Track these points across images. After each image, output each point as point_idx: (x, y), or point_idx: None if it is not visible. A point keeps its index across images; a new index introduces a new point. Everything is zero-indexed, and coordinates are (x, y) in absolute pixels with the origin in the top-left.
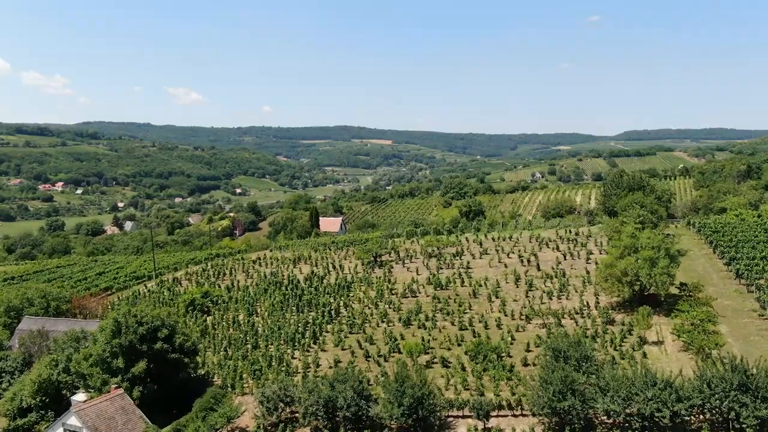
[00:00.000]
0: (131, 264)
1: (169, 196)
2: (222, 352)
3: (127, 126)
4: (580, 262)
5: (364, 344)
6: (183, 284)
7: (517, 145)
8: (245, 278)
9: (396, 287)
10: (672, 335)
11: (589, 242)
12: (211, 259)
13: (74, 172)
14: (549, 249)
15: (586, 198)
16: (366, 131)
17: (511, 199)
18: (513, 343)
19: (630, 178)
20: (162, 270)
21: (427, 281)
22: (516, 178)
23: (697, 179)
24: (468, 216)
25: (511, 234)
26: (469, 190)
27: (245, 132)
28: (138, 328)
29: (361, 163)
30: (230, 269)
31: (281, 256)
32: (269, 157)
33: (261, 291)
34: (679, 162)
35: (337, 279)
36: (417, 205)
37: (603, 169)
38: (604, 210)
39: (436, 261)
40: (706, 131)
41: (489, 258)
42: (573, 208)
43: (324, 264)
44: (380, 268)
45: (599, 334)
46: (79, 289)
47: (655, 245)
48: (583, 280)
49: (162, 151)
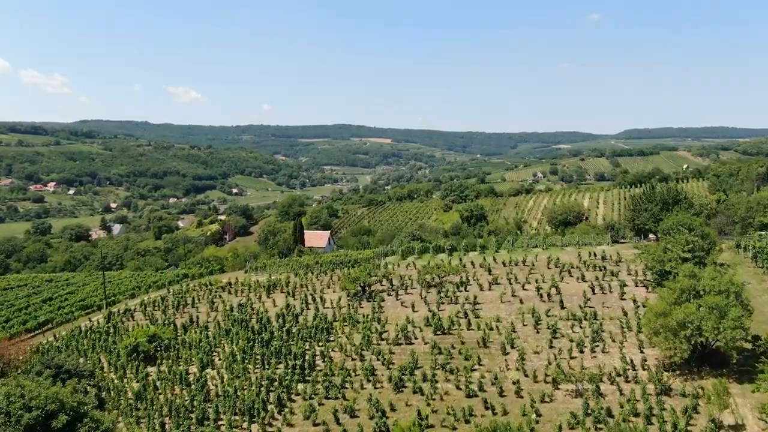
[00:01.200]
0: (84, 288)
1: (164, 196)
2: (157, 430)
3: (125, 124)
4: (612, 297)
5: (343, 417)
6: (136, 317)
7: (518, 143)
8: (208, 311)
9: (387, 329)
10: (756, 414)
11: (620, 269)
12: (177, 282)
13: (67, 172)
14: (572, 278)
15: (594, 202)
16: (365, 129)
17: (514, 203)
18: (539, 421)
19: (664, 191)
20: (117, 297)
21: (425, 321)
22: (517, 177)
23: (712, 182)
24: (469, 221)
25: (524, 257)
26: (471, 193)
27: (244, 131)
28: (23, 415)
29: (360, 162)
30: (194, 298)
31: (255, 280)
32: (267, 156)
33: (223, 332)
34: (683, 161)
35: (316, 316)
36: (416, 209)
37: (606, 169)
38: (632, 227)
39: (437, 292)
40: (707, 129)
41: (500, 290)
42: (581, 213)
43: (302, 294)
44: (369, 301)
45: (654, 411)
46: (14, 323)
47: (723, 289)
48: (620, 325)
49: (157, 150)
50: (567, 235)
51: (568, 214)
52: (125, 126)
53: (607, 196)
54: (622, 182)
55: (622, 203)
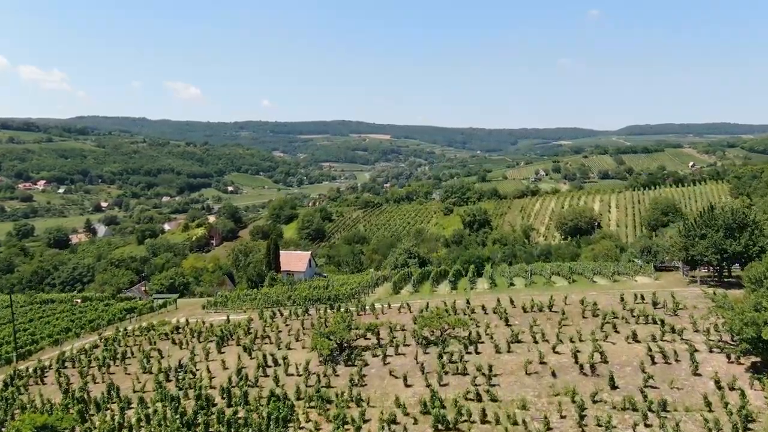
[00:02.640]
0: (5, 328)
1: (157, 195)
2: None
3: (122, 121)
4: (681, 371)
5: None
6: (47, 380)
7: (518, 140)
8: (138, 374)
9: (370, 415)
10: None
11: (681, 323)
12: (119, 319)
13: (58, 170)
14: (619, 335)
15: (605, 206)
16: (365, 126)
17: (519, 206)
18: None
19: (728, 215)
20: (40, 343)
21: (421, 406)
22: (519, 176)
23: (734, 185)
24: (472, 226)
25: (550, 301)
26: (473, 195)
27: (242, 127)
28: None
29: (359, 159)
30: (124, 352)
31: (210, 324)
32: (264, 153)
33: (144, 418)
34: (688, 159)
35: (272, 394)
36: (414, 212)
37: (610, 167)
38: (685, 257)
39: (438, 354)
40: (708, 126)
41: (523, 352)
42: (593, 219)
43: (263, 348)
44: (348, 365)
45: None
46: None
47: None
48: (704, 424)
49: (152, 148)
50: (584, 249)
51: (579, 220)
52: (122, 122)
53: (618, 200)
54: (634, 184)
55: (636, 207)
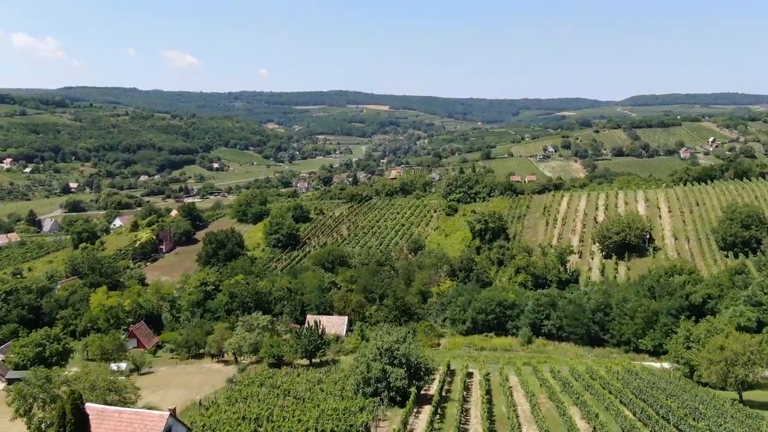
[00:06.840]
0: None
1: (134, 174)
2: None
3: (112, 91)
4: None
5: None
6: None
7: (520, 110)
8: None
9: None
10: None
11: None
12: None
13: (27, 146)
14: None
15: (654, 208)
16: (362, 96)
17: (541, 205)
18: None
19: None
20: None
21: None
22: (525, 152)
23: None
24: (483, 236)
25: None
26: (481, 190)
27: (236, 97)
28: None
29: (356, 131)
30: None
31: None
32: (255, 126)
33: None
34: (708, 134)
35: None
36: (410, 209)
37: (623, 143)
38: None
39: None
40: (715, 95)
41: None
42: (644, 231)
43: None
44: None
45: None
46: None
47: None
48: None
49: (133, 121)
50: (663, 301)
51: (626, 232)
52: (112, 92)
53: (669, 198)
54: (685, 177)
55: (695, 211)
